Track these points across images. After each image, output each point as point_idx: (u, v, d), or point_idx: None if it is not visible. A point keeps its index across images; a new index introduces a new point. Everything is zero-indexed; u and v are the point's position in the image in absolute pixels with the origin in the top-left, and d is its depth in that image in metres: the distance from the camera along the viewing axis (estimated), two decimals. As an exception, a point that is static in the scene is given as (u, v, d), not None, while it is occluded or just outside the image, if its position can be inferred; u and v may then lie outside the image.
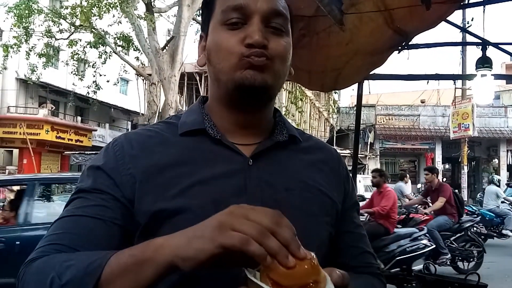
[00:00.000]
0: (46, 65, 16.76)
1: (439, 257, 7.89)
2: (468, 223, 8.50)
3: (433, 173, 8.42)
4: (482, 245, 8.44)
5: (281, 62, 0.96)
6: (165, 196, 0.90)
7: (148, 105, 15.74)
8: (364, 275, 1.05)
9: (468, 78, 9.75)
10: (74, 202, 0.92)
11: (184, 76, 19.17)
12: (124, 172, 0.93)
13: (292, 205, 0.94)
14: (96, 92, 17.36)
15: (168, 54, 14.31)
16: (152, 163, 0.93)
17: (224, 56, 0.94)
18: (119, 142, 0.98)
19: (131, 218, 0.90)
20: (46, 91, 23.93)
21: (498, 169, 25.76)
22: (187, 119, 1.02)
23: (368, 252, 1.10)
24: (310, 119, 24.70)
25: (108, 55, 16.58)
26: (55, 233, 0.87)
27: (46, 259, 0.82)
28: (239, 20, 0.94)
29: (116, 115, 30.29)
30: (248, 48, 0.92)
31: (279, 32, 0.96)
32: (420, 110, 25.80)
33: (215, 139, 0.98)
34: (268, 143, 1.00)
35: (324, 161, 1.08)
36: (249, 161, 0.97)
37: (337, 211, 1.03)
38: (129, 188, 0.91)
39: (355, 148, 3.70)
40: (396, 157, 26.48)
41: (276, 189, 0.96)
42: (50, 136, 22.45)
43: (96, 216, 0.88)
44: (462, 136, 19.91)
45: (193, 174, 0.93)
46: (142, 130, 1.03)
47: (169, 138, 0.99)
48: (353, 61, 2.85)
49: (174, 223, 0.87)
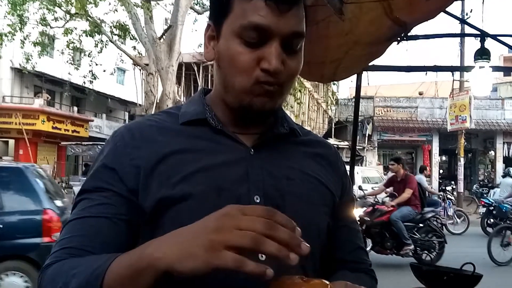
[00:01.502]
0: (41, 54, 16.67)
1: (403, 248, 8.04)
2: (429, 214, 8.64)
3: (399, 164, 8.52)
4: (443, 235, 8.55)
5: (292, 80, 0.97)
6: (168, 183, 0.91)
7: (146, 96, 15.67)
8: (359, 273, 1.07)
9: (466, 70, 9.73)
10: (79, 204, 0.93)
11: (182, 66, 19.09)
12: (127, 163, 0.93)
13: (293, 194, 0.97)
14: (92, 82, 17.30)
15: (166, 44, 14.22)
16: (154, 152, 0.94)
17: (237, 73, 0.93)
18: (119, 133, 0.99)
19: (136, 210, 0.92)
20: (42, 80, 23.82)
21: (494, 161, 25.88)
22: (188, 109, 1.03)
23: (361, 248, 1.13)
24: (308, 111, 24.70)
25: (104, 44, 16.49)
26: (65, 238, 0.89)
27: (57, 266, 0.84)
28: (258, 41, 0.91)
29: (113, 106, 30.21)
30: (263, 73, 0.90)
31: (296, 51, 0.95)
32: (418, 102, 25.84)
33: (216, 129, 0.98)
34: (269, 134, 1.01)
35: (323, 155, 1.09)
36: (250, 150, 0.98)
37: (334, 203, 1.05)
38: (132, 179, 0.92)
39: (353, 140, 3.68)
40: (393, 149, 26.54)
41: (277, 178, 0.97)
42: (46, 127, 22.38)
43: (101, 215, 0.90)
44: (459, 128, 19.95)
45: (196, 162, 0.94)
46: (142, 120, 1.04)
47: (171, 127, 0.99)
48: (353, 51, 2.83)
49: (178, 210, 0.90)
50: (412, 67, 3.75)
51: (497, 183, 19.47)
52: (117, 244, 0.88)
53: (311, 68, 2.91)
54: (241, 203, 0.90)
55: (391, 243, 8.10)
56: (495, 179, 22.72)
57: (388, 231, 8.10)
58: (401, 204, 8.20)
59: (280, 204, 0.95)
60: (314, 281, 0.76)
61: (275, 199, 0.95)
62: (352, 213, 1.14)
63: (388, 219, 8.07)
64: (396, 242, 8.08)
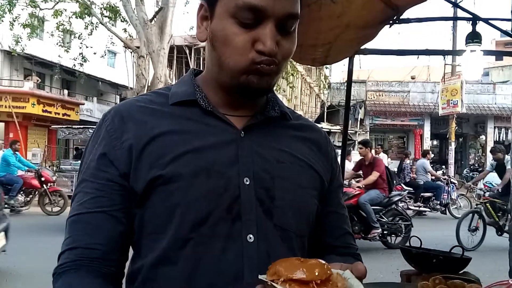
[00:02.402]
0: (31, 36, 16.43)
1: (371, 231, 8.07)
2: (396, 197, 8.68)
3: (367, 147, 8.60)
4: (409, 219, 8.60)
5: (287, 61, 0.97)
6: (158, 164, 0.91)
7: (137, 79, 15.53)
8: (346, 256, 1.08)
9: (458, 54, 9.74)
10: (77, 197, 0.96)
11: (173, 49, 18.96)
12: (118, 146, 0.94)
13: (283, 177, 0.98)
14: (82, 64, 17.12)
15: (157, 26, 14.07)
16: (144, 134, 0.94)
17: (232, 54, 0.92)
18: (109, 117, 0.98)
19: (129, 195, 0.93)
20: (32, 63, 23.55)
21: (485, 145, 26.02)
22: (178, 89, 1.02)
23: (349, 233, 1.14)
24: (301, 95, 24.67)
25: (95, 26, 16.27)
26: (70, 236, 0.93)
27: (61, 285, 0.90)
28: (253, 21, 0.90)
29: (104, 89, 29.97)
30: (258, 54, 0.90)
31: (290, 32, 0.95)
32: (410, 86, 25.85)
33: (207, 110, 0.98)
34: (260, 117, 1.01)
35: (314, 140, 1.10)
36: (241, 133, 0.98)
37: (323, 188, 1.06)
38: (124, 162, 0.93)
39: (345, 124, 3.68)
40: (385, 133, 26.63)
41: (267, 160, 0.98)
42: (36, 110, 22.18)
43: (97, 210, 0.92)
44: (450, 113, 20.04)
45: (186, 143, 0.94)
46: (131, 101, 1.03)
47: (160, 108, 0.99)
48: (344, 34, 2.81)
49: (167, 191, 0.90)
50: (403, 50, 3.75)
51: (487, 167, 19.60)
52: (117, 235, 0.93)
53: (302, 51, 2.90)
54: (231, 185, 0.92)
55: (359, 227, 8.09)
56: (485, 163, 22.86)
57: (356, 215, 8.06)
58: (369, 187, 8.23)
59: (270, 186, 0.96)
60: (311, 261, 0.77)
61: (265, 182, 0.95)
62: (341, 199, 1.14)
63: (356, 203, 8.05)
64: (364, 225, 8.08)
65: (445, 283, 2.08)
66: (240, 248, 0.90)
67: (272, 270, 0.77)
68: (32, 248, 7.35)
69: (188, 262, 0.90)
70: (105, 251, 0.92)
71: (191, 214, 0.90)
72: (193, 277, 0.89)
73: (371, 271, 3.56)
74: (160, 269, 0.91)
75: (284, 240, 0.96)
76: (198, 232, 0.90)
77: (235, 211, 0.92)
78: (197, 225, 0.90)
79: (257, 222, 0.93)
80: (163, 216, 0.91)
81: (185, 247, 0.90)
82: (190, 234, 0.90)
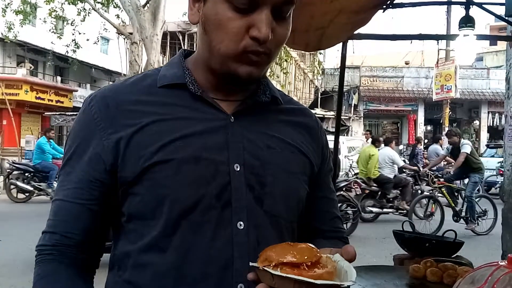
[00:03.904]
0: (24, 22, 16.28)
1: None
2: (343, 183, 8.60)
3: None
4: (357, 205, 8.45)
5: (280, 48, 0.95)
6: (146, 153, 0.90)
7: (130, 65, 15.39)
8: (334, 240, 1.08)
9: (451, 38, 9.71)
10: (61, 180, 0.97)
11: (166, 36, 18.81)
12: (105, 137, 0.92)
13: (274, 163, 0.97)
14: (75, 51, 16.97)
15: (150, 12, 13.92)
16: (131, 122, 0.92)
17: (224, 39, 0.89)
18: (95, 104, 0.95)
19: (111, 189, 0.93)
20: (24, 50, 23.37)
21: (479, 130, 26.14)
22: (167, 72, 0.99)
23: (338, 217, 1.14)
24: (295, 81, 24.60)
25: (87, 12, 16.09)
26: (51, 219, 0.96)
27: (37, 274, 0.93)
28: (248, 6, 0.87)
29: (97, 75, 29.81)
30: (252, 41, 0.88)
31: (285, 18, 0.92)
32: (404, 72, 25.84)
33: (196, 95, 0.96)
34: (250, 101, 0.99)
35: (304, 124, 1.08)
36: (231, 118, 0.96)
37: (312, 173, 1.05)
38: (110, 153, 0.92)
39: (338, 110, 3.67)
40: (379, 119, 26.67)
41: (257, 146, 0.96)
42: (29, 97, 22.07)
43: (76, 201, 0.93)
44: (444, 98, 20.07)
45: (174, 130, 0.92)
46: (119, 85, 1.00)
47: (148, 92, 0.96)
48: (338, 19, 2.79)
49: (155, 178, 0.89)
50: (397, 35, 3.74)
51: (481, 152, 19.70)
52: (93, 227, 0.95)
53: (295, 36, 2.88)
54: (221, 172, 0.91)
55: None
56: (479, 148, 22.98)
57: None
58: None
59: (260, 172, 0.95)
60: (301, 245, 0.78)
61: (255, 168, 0.94)
62: (331, 183, 1.14)
63: None
64: None
65: (436, 265, 2.10)
66: (230, 235, 0.90)
67: (262, 256, 0.78)
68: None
69: (178, 249, 0.89)
70: (81, 241, 0.94)
71: (180, 202, 0.89)
72: (183, 264, 0.89)
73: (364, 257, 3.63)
74: (150, 256, 0.91)
75: (274, 227, 0.95)
76: (188, 220, 0.89)
77: (225, 198, 0.91)
78: (186, 213, 0.89)
79: (247, 209, 0.92)
80: (152, 204, 0.90)
81: (175, 234, 0.89)
82: (180, 222, 0.89)
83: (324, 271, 0.75)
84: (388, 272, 2.20)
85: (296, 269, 0.74)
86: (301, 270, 0.73)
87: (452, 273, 1.99)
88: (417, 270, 2.08)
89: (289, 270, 0.73)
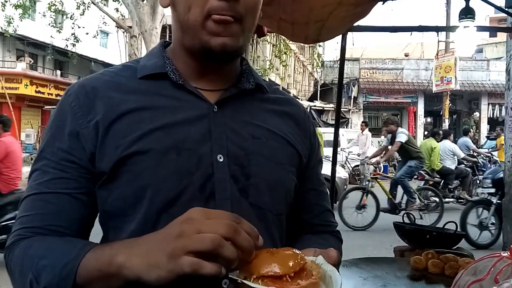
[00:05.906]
0: (23, 16, 16.20)
1: None
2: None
3: None
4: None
5: (253, 16, 0.91)
6: (125, 142, 0.86)
7: (129, 59, 15.35)
8: (324, 234, 1.06)
9: (451, 30, 9.68)
10: (36, 174, 0.89)
11: (166, 29, 18.72)
12: (84, 125, 0.88)
13: (259, 153, 0.93)
14: (75, 45, 16.93)
15: (149, 5, 13.88)
16: (110, 110, 0.88)
17: (191, 5, 0.87)
18: (73, 92, 0.92)
19: (94, 177, 0.88)
20: (24, 44, 23.32)
21: (479, 122, 26.12)
22: (147, 62, 0.96)
23: (329, 210, 1.11)
24: (294, 73, 24.57)
25: (87, 6, 16.05)
26: (26, 215, 0.87)
27: (24, 247, 0.83)
28: None
29: (96, 69, 29.68)
30: (216, 0, 0.85)
31: None
32: (403, 64, 25.79)
33: (177, 83, 0.93)
34: (233, 90, 0.96)
35: (291, 114, 1.05)
36: (214, 107, 0.93)
37: (301, 164, 1.02)
38: (91, 141, 0.87)
39: (338, 102, 3.66)
40: (379, 111, 26.64)
41: (242, 136, 0.93)
42: (29, 91, 22.04)
43: (60, 191, 0.87)
44: (444, 90, 20.03)
45: (154, 120, 0.88)
46: (97, 75, 0.97)
47: (128, 82, 0.93)
48: (337, 12, 2.78)
49: (134, 170, 0.86)
50: (397, 27, 3.73)
51: (481, 144, 19.70)
52: (80, 218, 0.88)
53: (295, 28, 2.87)
54: (203, 163, 0.88)
55: None
56: (479, 140, 22.98)
57: None
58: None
59: (244, 163, 0.91)
60: (283, 252, 0.74)
61: (239, 158, 0.91)
62: (321, 175, 1.11)
63: None
64: None
65: (437, 257, 2.11)
66: None
67: (243, 267, 0.73)
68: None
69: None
70: (66, 233, 0.86)
71: (160, 194, 0.85)
72: None
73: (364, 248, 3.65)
74: None
75: (260, 219, 0.91)
76: (169, 213, 0.83)
77: (209, 190, 0.87)
78: (167, 206, 0.85)
79: (232, 201, 0.88)
80: (131, 197, 0.86)
81: (155, 228, 0.81)
82: (161, 216, 0.85)
83: (308, 283, 0.71)
84: (389, 264, 2.21)
85: (278, 281, 0.70)
86: (284, 283, 0.70)
87: (454, 264, 2.00)
88: (418, 262, 2.09)
89: (271, 283, 0.69)
